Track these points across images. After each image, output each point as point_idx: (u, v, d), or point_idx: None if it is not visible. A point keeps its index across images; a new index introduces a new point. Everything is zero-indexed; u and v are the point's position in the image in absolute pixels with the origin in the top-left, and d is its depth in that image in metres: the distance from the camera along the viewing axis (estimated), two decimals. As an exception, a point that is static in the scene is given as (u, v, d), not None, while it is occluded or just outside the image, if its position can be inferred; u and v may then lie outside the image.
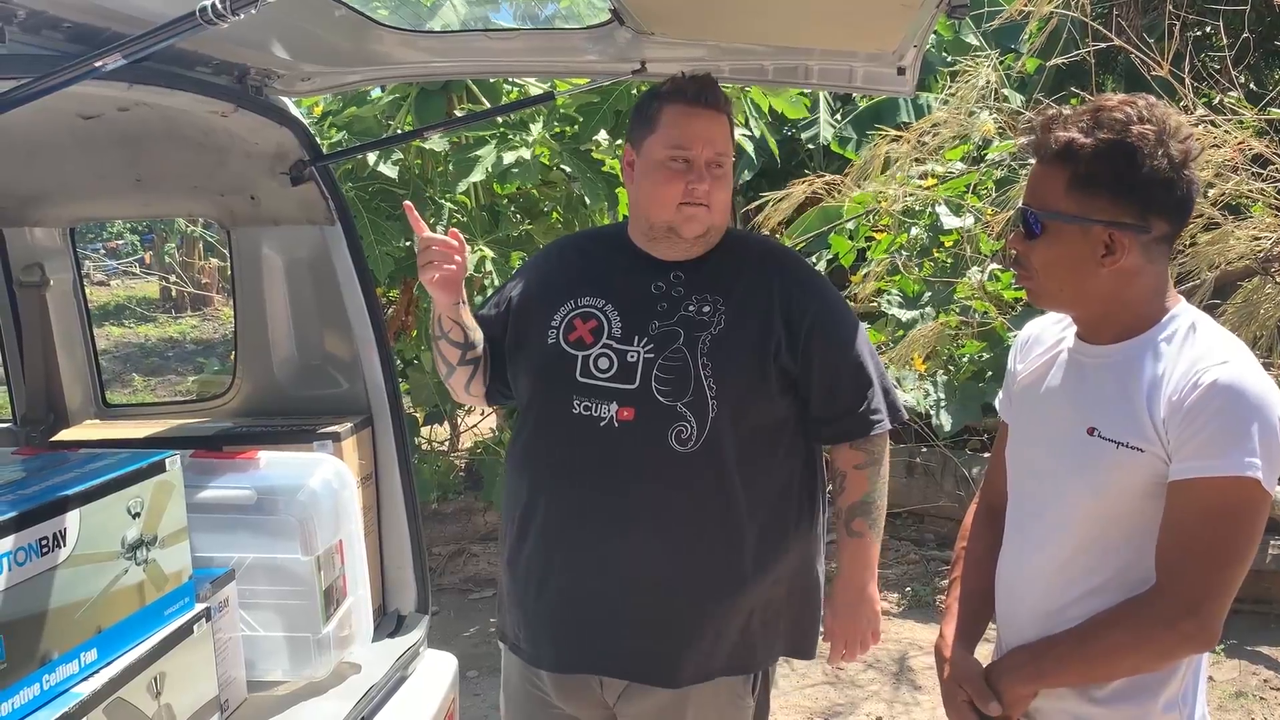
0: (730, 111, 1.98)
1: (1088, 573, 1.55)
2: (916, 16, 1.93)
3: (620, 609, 1.95)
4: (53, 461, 1.75)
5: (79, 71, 1.40)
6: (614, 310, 1.98)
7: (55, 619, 1.54)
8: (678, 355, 1.92)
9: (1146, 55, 4.65)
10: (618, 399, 1.92)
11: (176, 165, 2.42)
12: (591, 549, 1.95)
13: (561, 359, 1.97)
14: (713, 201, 1.93)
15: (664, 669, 1.95)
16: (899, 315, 5.51)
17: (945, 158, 5.82)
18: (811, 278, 2.09)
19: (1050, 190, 1.51)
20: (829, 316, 2.01)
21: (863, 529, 2.03)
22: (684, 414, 1.90)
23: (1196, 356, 1.46)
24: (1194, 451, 1.42)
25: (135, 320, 14.55)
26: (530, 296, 2.09)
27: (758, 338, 1.94)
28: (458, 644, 4.37)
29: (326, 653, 2.14)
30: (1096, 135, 1.46)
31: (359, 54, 2.36)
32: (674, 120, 1.94)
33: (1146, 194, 1.47)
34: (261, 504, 2.10)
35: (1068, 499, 1.56)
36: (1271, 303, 4.52)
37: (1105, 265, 1.49)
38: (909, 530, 5.48)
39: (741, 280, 1.99)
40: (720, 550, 1.94)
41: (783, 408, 1.98)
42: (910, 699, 3.98)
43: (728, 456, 1.91)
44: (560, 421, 1.96)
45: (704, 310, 1.95)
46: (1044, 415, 1.64)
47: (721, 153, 1.94)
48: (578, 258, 2.14)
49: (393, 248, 4.39)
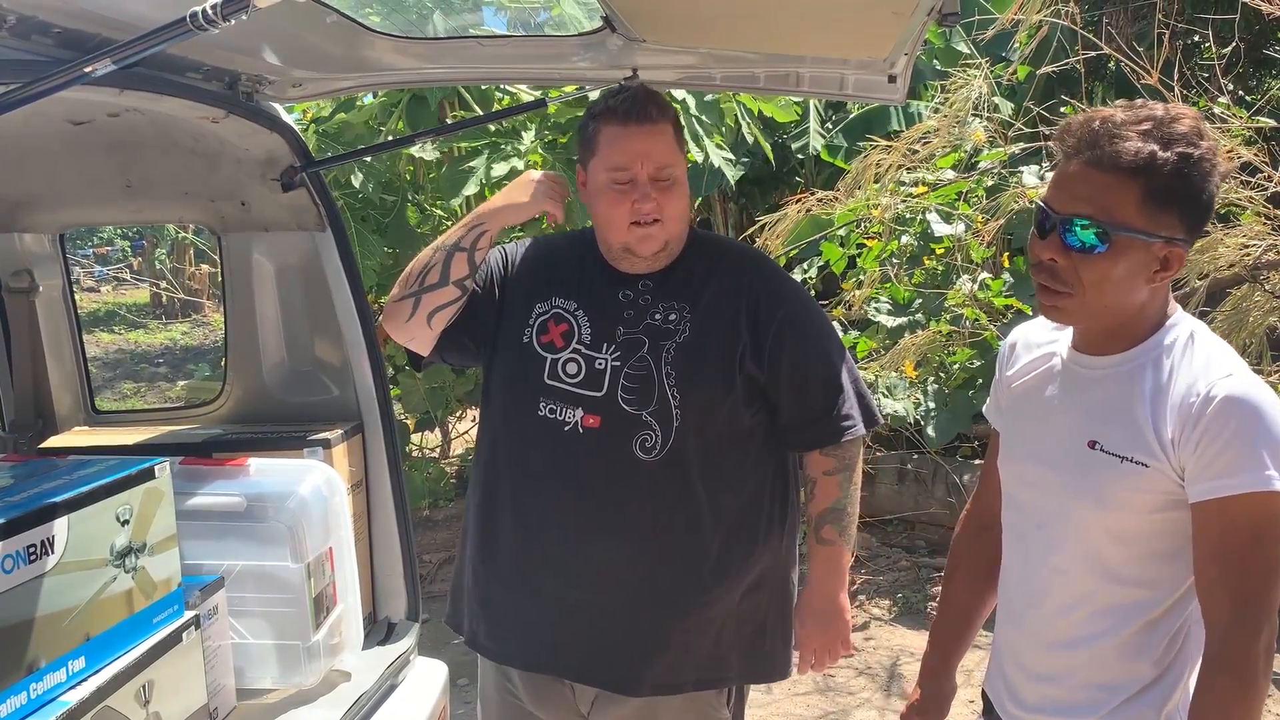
0: (672, 116, 1.93)
1: (1088, 582, 1.53)
2: (908, 24, 1.93)
3: (586, 616, 1.94)
4: (41, 468, 1.75)
5: (69, 77, 1.39)
6: (584, 315, 1.96)
7: (43, 626, 1.53)
8: (642, 364, 1.90)
9: (1136, 63, 4.67)
10: (584, 405, 1.91)
11: (167, 171, 2.42)
12: (557, 554, 1.95)
13: (532, 359, 1.96)
14: (665, 214, 1.90)
15: (628, 678, 1.94)
16: (887, 322, 5.53)
17: (936, 165, 5.84)
18: (781, 283, 2.05)
19: (1120, 203, 1.41)
20: (797, 322, 1.98)
21: (832, 537, 2.00)
22: (649, 423, 1.89)
23: (1199, 370, 1.44)
24: (1221, 469, 1.39)
25: (125, 326, 14.51)
26: (519, 282, 2.06)
27: (723, 346, 1.92)
28: (448, 651, 4.35)
29: (316, 660, 2.13)
30: (1174, 150, 1.40)
31: (350, 60, 2.36)
32: (610, 141, 1.91)
33: (1205, 211, 1.45)
34: (251, 511, 2.09)
35: (1072, 513, 1.53)
36: (1260, 310, 4.54)
37: (1154, 281, 1.46)
38: (900, 537, 5.48)
39: (709, 287, 1.96)
40: (685, 561, 1.92)
41: (750, 416, 1.95)
42: (900, 706, 3.98)
43: (692, 466, 1.90)
44: (526, 422, 1.96)
45: (670, 318, 1.93)
46: (1040, 427, 1.61)
47: (663, 165, 1.89)
48: (559, 257, 2.10)
49: (375, 261, 4.39)
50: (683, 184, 1.94)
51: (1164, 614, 1.52)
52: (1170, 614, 1.52)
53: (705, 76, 2.45)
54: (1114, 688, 1.54)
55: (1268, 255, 4.52)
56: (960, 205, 5.73)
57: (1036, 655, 1.62)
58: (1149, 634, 1.52)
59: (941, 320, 5.42)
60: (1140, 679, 1.53)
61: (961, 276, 5.59)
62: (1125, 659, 1.53)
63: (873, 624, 4.72)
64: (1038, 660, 1.62)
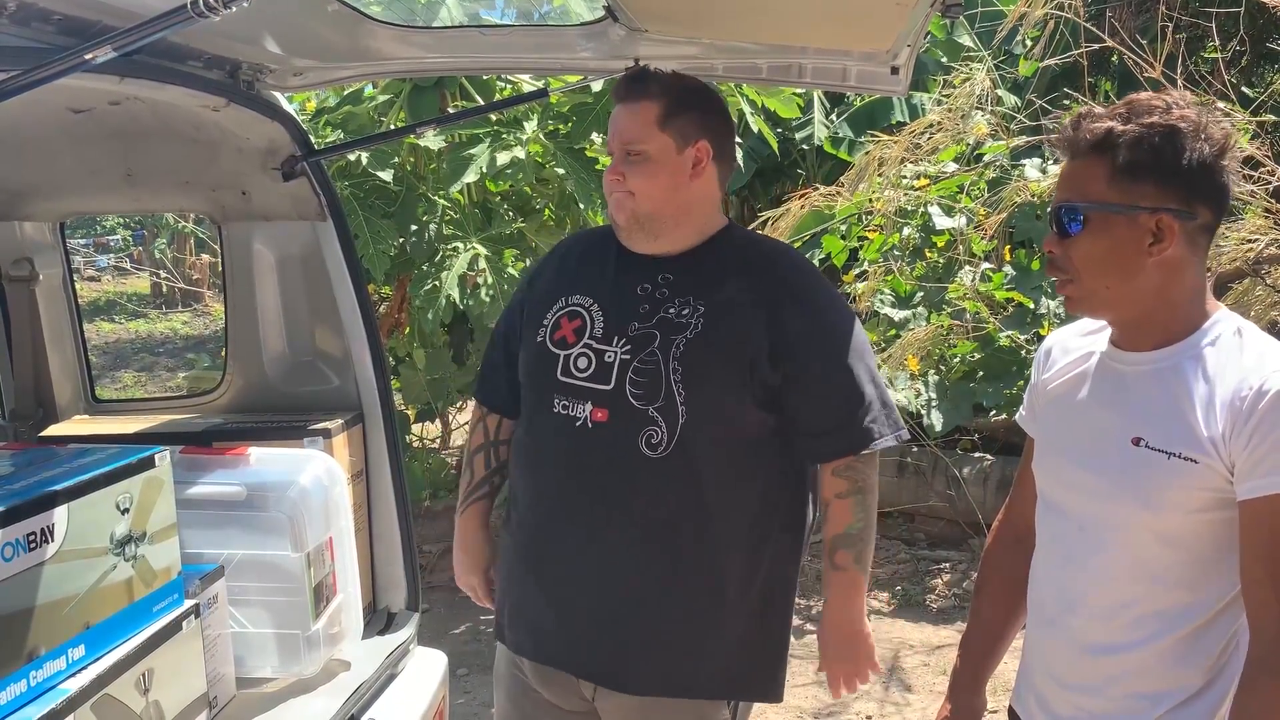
0: (657, 94, 1.91)
1: (1131, 585, 1.48)
2: (911, 15, 1.92)
3: (587, 612, 1.94)
4: (41, 457, 1.74)
5: (69, 64, 1.39)
6: (599, 310, 1.96)
7: (43, 615, 1.53)
8: (651, 358, 1.88)
9: (1140, 57, 4.66)
10: (593, 399, 1.90)
11: (168, 160, 2.41)
12: (565, 548, 1.95)
13: (545, 358, 1.96)
14: (634, 187, 1.90)
15: (626, 676, 1.94)
16: (892, 315, 5.52)
17: (939, 159, 5.83)
18: (807, 285, 1.99)
19: (1090, 182, 1.44)
20: (819, 327, 1.93)
21: (846, 563, 1.94)
22: (655, 418, 1.87)
23: (1251, 365, 1.41)
24: (1272, 466, 1.36)
25: (126, 316, 14.51)
26: (534, 298, 2.08)
27: (735, 345, 1.88)
28: (448, 641, 4.37)
29: (316, 650, 2.13)
30: (1136, 122, 1.41)
31: (352, 49, 2.36)
32: (609, 121, 2.00)
33: (1190, 179, 1.42)
34: (251, 500, 2.09)
35: (1117, 512, 1.48)
36: (1262, 304, 4.54)
37: (1153, 254, 1.43)
38: (900, 529, 5.48)
39: (731, 284, 1.92)
40: (688, 561, 1.90)
41: (762, 420, 1.91)
42: (901, 699, 3.99)
43: (700, 465, 1.87)
44: (544, 420, 1.96)
45: (683, 313, 1.90)
46: (1079, 427, 1.56)
47: (631, 140, 1.90)
48: (578, 256, 2.11)
49: (388, 245, 4.38)
50: (656, 161, 1.91)
51: (1212, 620, 1.47)
52: (1219, 620, 1.47)
53: (707, 67, 2.44)
54: (1157, 697, 1.49)
55: (1269, 250, 4.52)
56: (962, 198, 5.72)
57: (1071, 663, 1.56)
58: (1196, 641, 1.47)
59: (943, 314, 5.41)
60: (1186, 688, 1.48)
61: (963, 269, 5.59)
62: (1171, 666, 1.48)
63: (872, 616, 4.71)
64: (1072, 669, 1.56)
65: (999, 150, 5.62)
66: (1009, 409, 5.19)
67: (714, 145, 1.94)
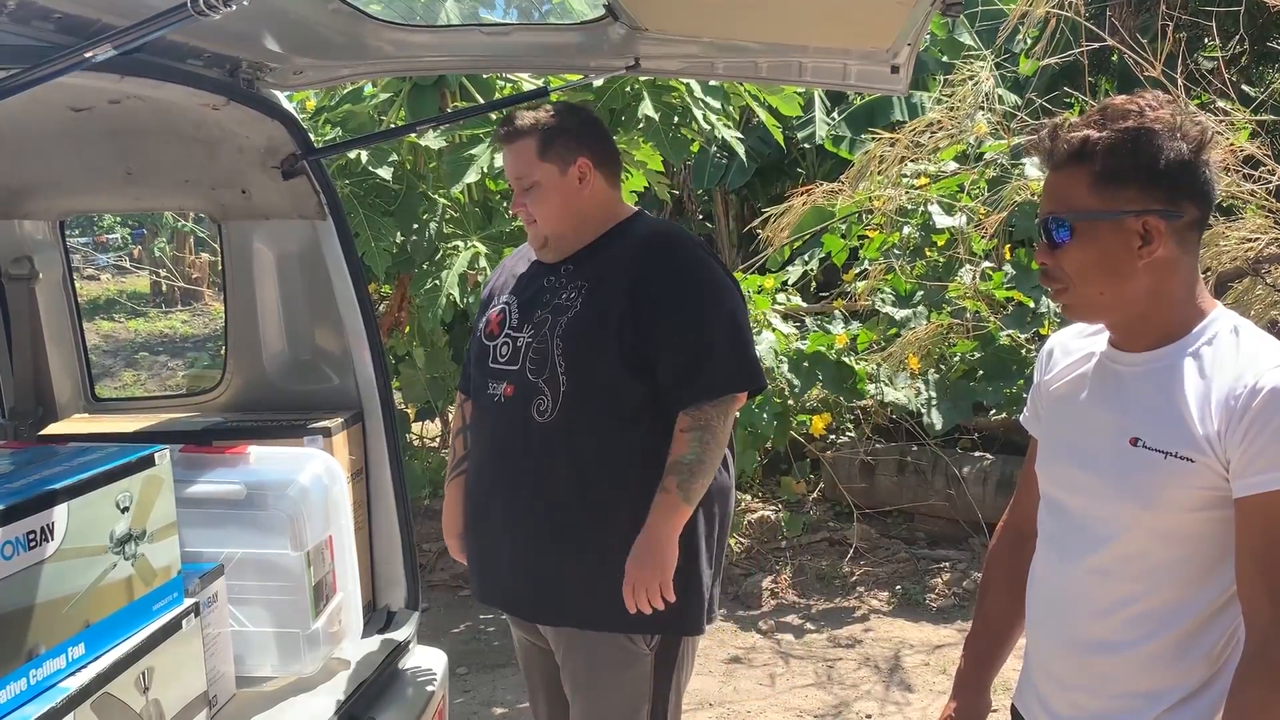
0: (528, 131, 2.17)
1: (1129, 584, 1.49)
2: (911, 14, 1.92)
3: (505, 556, 2.23)
4: (41, 455, 1.75)
5: (69, 62, 1.39)
6: (516, 304, 2.27)
7: (42, 613, 1.53)
8: (543, 339, 2.16)
9: (1140, 56, 4.66)
10: (507, 379, 2.20)
11: (167, 159, 2.41)
12: (489, 508, 2.25)
13: (480, 349, 2.29)
14: (536, 214, 2.19)
15: (540, 613, 2.24)
16: (892, 314, 5.52)
17: (940, 158, 5.83)
18: (670, 255, 2.20)
19: (1073, 191, 1.46)
20: (674, 287, 2.15)
21: (670, 486, 2.11)
22: (543, 389, 2.14)
23: (1247, 362, 1.41)
24: (1267, 464, 1.36)
25: (126, 315, 14.51)
26: (483, 301, 2.42)
27: (604, 317, 2.13)
28: (447, 640, 4.37)
29: (316, 648, 2.13)
30: (1110, 128, 1.43)
31: (352, 48, 2.36)
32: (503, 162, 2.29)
33: (1171, 178, 1.43)
34: (251, 499, 2.09)
35: (1116, 512, 1.49)
36: (1262, 303, 4.54)
37: (1143, 257, 1.44)
38: (899, 529, 5.47)
39: (614, 266, 2.18)
40: (574, 510, 2.15)
41: (635, 382, 2.13)
42: (901, 698, 3.99)
43: (579, 427, 2.13)
44: (481, 400, 2.27)
45: (570, 297, 2.18)
46: (1079, 427, 1.57)
47: (521, 175, 2.19)
48: (514, 261, 2.42)
49: (388, 243, 4.38)
50: (546, 187, 2.18)
51: (1211, 618, 1.46)
52: (1218, 618, 1.46)
53: (708, 66, 2.45)
54: (1155, 695, 1.48)
55: (1269, 249, 4.52)
56: (962, 197, 5.72)
57: (1068, 662, 1.57)
58: (1195, 639, 1.47)
59: (943, 313, 5.41)
60: (1184, 686, 1.47)
61: (963, 268, 5.59)
62: (1170, 665, 1.48)
63: (872, 616, 4.73)
64: (1068, 668, 1.57)
65: (999, 149, 5.62)
66: (1009, 408, 5.19)
67: (593, 156, 2.20)
